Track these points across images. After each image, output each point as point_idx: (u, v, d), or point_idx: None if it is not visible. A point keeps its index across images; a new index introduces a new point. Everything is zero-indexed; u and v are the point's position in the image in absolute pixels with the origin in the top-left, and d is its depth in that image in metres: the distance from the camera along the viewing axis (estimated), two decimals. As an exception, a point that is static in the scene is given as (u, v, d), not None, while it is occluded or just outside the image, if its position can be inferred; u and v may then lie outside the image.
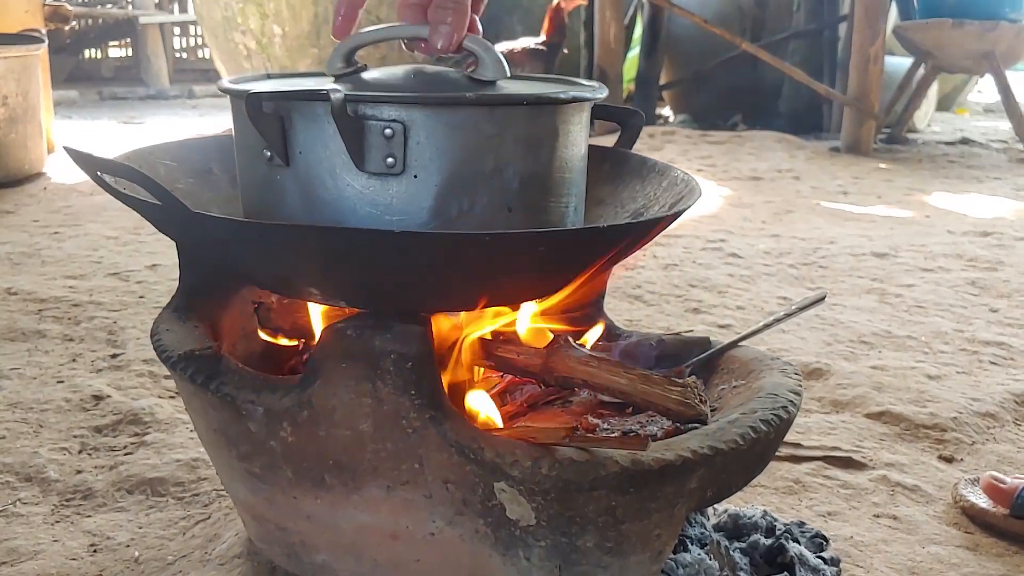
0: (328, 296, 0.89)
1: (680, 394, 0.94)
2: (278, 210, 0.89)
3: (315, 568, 1.00)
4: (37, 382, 1.62)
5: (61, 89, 6.68)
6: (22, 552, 1.11)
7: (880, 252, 2.80)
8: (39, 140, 3.67)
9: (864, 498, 1.31)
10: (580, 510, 0.84)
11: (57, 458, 1.34)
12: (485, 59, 0.91)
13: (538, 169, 0.89)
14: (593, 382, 0.96)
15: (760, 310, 2.19)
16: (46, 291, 2.15)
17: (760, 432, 0.88)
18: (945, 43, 4.95)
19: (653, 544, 0.89)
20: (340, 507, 0.93)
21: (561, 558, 0.88)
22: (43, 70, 3.86)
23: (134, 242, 2.68)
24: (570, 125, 0.92)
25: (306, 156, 0.86)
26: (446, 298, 0.90)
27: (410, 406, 0.86)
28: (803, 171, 4.31)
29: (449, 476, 0.88)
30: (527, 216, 0.89)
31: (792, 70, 5.17)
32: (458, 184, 0.85)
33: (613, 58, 5.25)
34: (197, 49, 9.45)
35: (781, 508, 1.27)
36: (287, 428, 0.90)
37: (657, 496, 0.85)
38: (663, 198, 1.06)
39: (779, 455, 1.40)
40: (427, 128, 0.83)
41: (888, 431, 1.53)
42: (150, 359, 1.72)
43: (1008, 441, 1.52)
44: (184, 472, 1.30)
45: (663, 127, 5.60)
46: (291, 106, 0.85)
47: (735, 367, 1.06)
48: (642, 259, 2.63)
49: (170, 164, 1.08)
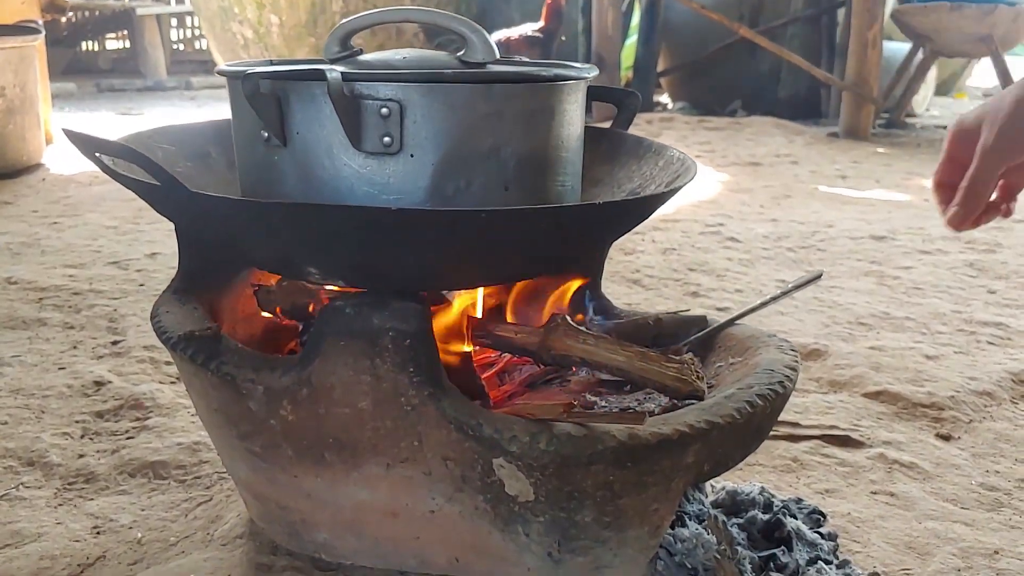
0: (326, 275, 0.90)
1: (677, 371, 0.95)
2: (276, 191, 0.89)
3: (316, 546, 1.01)
4: (38, 369, 1.63)
5: (59, 81, 6.67)
6: (25, 535, 1.12)
7: (878, 235, 2.81)
8: (37, 131, 3.67)
9: (862, 475, 1.31)
10: (578, 485, 0.85)
11: (59, 443, 1.35)
12: (474, 41, 0.92)
13: (535, 148, 0.90)
14: (591, 360, 0.96)
15: (758, 293, 2.19)
16: (46, 280, 2.15)
17: (756, 407, 0.89)
18: (943, 27, 4.95)
19: (651, 519, 0.89)
20: (340, 485, 0.94)
21: (560, 533, 0.89)
22: (40, 61, 3.86)
23: (133, 231, 2.69)
24: (566, 104, 0.92)
25: (303, 136, 0.86)
26: (444, 276, 0.91)
27: (408, 383, 0.87)
28: (801, 156, 4.31)
29: (448, 453, 0.89)
30: (524, 194, 0.90)
31: (790, 55, 5.17)
32: (455, 163, 0.85)
33: (611, 45, 5.25)
34: (195, 40, 9.42)
35: (779, 486, 1.27)
36: (287, 406, 0.91)
37: (654, 470, 0.86)
38: (659, 177, 1.06)
39: (776, 433, 1.41)
40: (423, 107, 0.84)
41: (886, 410, 1.54)
42: (151, 345, 1.72)
43: (1005, 419, 1.53)
44: (186, 455, 1.31)
45: (661, 114, 5.60)
46: (288, 87, 0.85)
47: (732, 344, 1.07)
48: (641, 243, 2.64)
49: (168, 148, 1.09)
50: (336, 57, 0.96)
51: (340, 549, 1.00)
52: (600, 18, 5.20)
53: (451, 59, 0.94)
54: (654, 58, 5.87)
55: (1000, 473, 1.34)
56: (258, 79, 0.84)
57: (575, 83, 0.93)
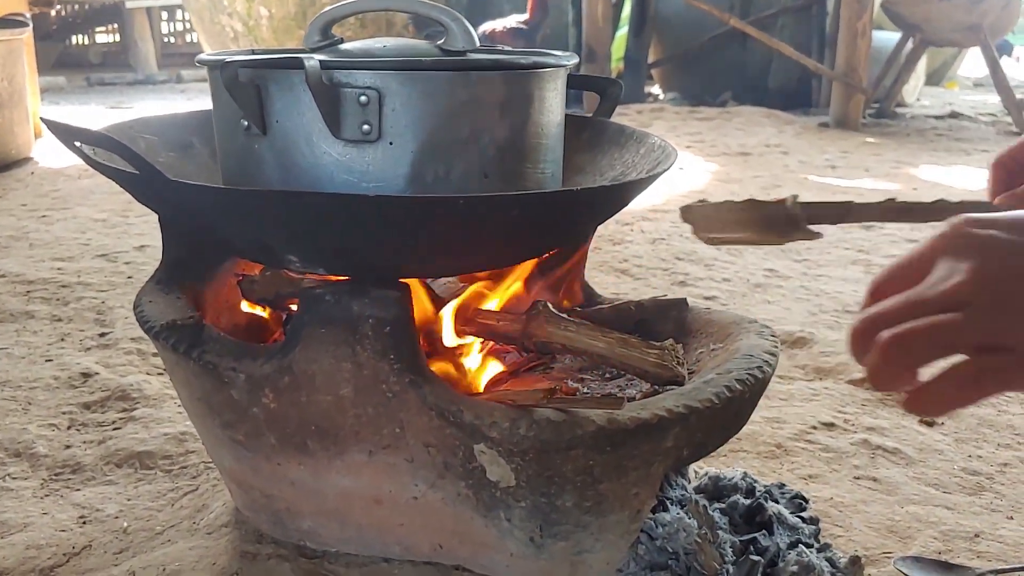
0: (307, 263, 0.90)
1: (657, 357, 0.96)
2: (257, 179, 0.89)
3: (301, 534, 1.02)
4: (26, 361, 1.63)
5: (48, 75, 6.65)
6: (12, 525, 1.12)
7: (866, 224, 2.82)
8: (26, 125, 3.66)
9: (845, 461, 1.32)
10: (558, 470, 0.86)
11: (46, 434, 1.35)
12: (454, 29, 0.92)
13: (514, 135, 0.90)
14: (572, 346, 0.97)
15: (746, 282, 2.20)
16: (34, 273, 2.15)
17: (735, 391, 0.89)
18: (933, 16, 4.95)
19: (631, 503, 0.90)
20: (323, 473, 0.95)
21: (541, 518, 0.89)
22: (28, 55, 3.85)
23: (122, 224, 2.68)
24: (545, 92, 0.93)
25: (283, 125, 0.86)
26: (423, 263, 0.91)
27: (389, 370, 0.87)
28: (791, 146, 4.32)
29: (430, 439, 0.89)
30: (504, 182, 0.90)
31: (780, 45, 5.17)
32: (434, 150, 0.86)
33: (601, 36, 5.24)
34: (185, 34, 9.40)
35: (763, 472, 1.28)
36: (269, 394, 0.91)
37: (634, 455, 0.86)
38: (641, 164, 1.07)
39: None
40: (402, 95, 0.84)
41: (870, 397, 1.55)
42: (138, 337, 1.72)
43: (988, 405, 1.53)
44: (172, 445, 1.31)
45: (652, 104, 5.60)
46: (267, 75, 0.86)
47: (713, 331, 1.07)
48: (629, 234, 2.64)
49: (150, 138, 1.09)
50: (317, 46, 0.96)
51: (324, 537, 1.01)
52: (590, 9, 5.19)
53: (431, 47, 0.94)
54: (645, 49, 5.87)
55: (982, 458, 1.35)
56: (237, 68, 0.84)
57: (554, 71, 0.93)
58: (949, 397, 0.50)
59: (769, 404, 1.50)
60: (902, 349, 0.50)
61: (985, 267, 0.50)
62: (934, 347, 0.50)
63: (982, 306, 0.49)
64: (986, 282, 0.49)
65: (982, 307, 0.49)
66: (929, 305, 0.50)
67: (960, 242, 0.51)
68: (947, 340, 0.49)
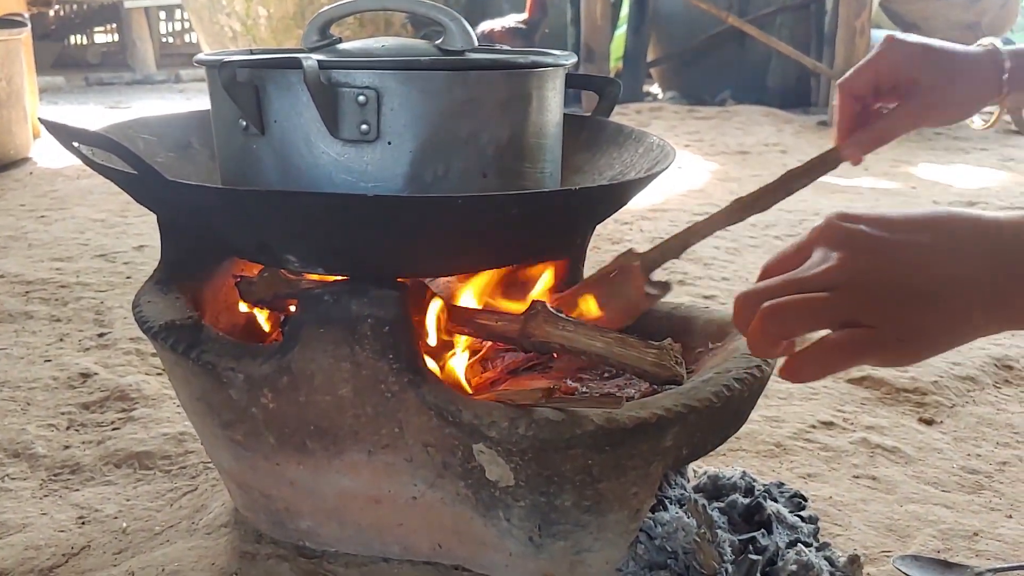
0: (305, 263, 0.90)
1: (656, 356, 0.95)
2: (255, 179, 0.89)
3: (300, 534, 1.02)
4: (24, 361, 1.63)
5: (47, 75, 6.64)
6: (11, 525, 1.12)
7: (865, 223, 2.81)
8: (24, 125, 3.65)
9: (844, 460, 1.32)
10: (557, 469, 0.86)
11: (45, 434, 1.35)
12: (452, 28, 0.92)
13: (512, 135, 0.90)
14: (570, 346, 0.97)
15: (745, 280, 2.20)
16: (33, 273, 2.15)
17: (734, 390, 0.89)
18: (931, 15, 4.96)
19: (630, 502, 0.90)
20: (322, 472, 0.95)
21: (540, 518, 0.89)
22: (27, 55, 3.84)
23: (121, 224, 2.68)
24: (543, 91, 0.93)
25: (281, 125, 0.86)
26: (422, 263, 0.91)
27: (388, 370, 0.87)
28: (790, 145, 4.31)
29: (429, 439, 0.89)
30: (503, 181, 0.90)
31: (779, 44, 5.17)
32: (433, 150, 0.86)
33: (600, 35, 5.24)
34: (184, 33, 9.39)
35: (762, 471, 1.28)
36: (268, 394, 0.91)
37: (632, 454, 0.86)
38: (640, 164, 1.07)
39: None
40: (400, 95, 0.84)
41: (869, 395, 1.55)
42: (137, 337, 1.72)
43: (987, 404, 1.54)
44: (171, 445, 1.31)
45: (651, 103, 5.60)
46: (265, 75, 0.86)
47: (712, 330, 1.07)
48: (629, 233, 2.64)
49: (149, 138, 1.09)
50: (315, 46, 0.96)
51: (324, 536, 1.01)
52: (589, 8, 5.19)
53: (429, 47, 0.94)
54: (644, 48, 5.86)
55: (981, 456, 1.35)
56: (235, 68, 0.84)
57: (552, 70, 0.93)
58: (817, 364, 0.57)
59: (768, 403, 1.50)
60: (776, 318, 0.57)
61: (852, 256, 0.57)
62: (805, 319, 0.57)
63: (848, 288, 0.57)
64: (852, 269, 0.57)
65: (847, 289, 0.57)
66: (804, 284, 0.58)
67: (833, 233, 0.59)
68: (816, 315, 0.57)
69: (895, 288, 0.56)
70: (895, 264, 0.57)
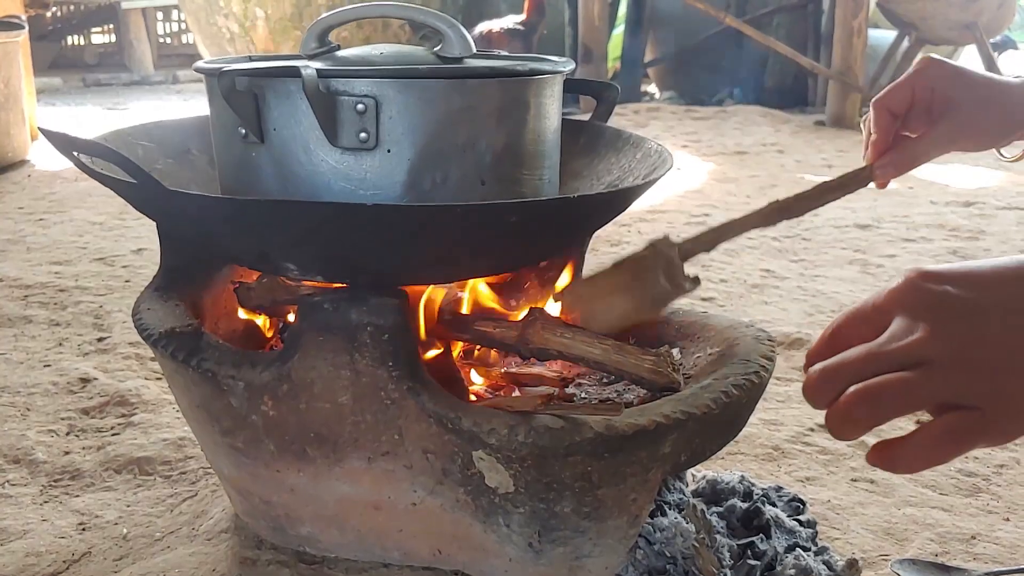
0: (304, 271, 0.91)
1: (653, 363, 0.96)
2: (254, 187, 0.90)
3: (300, 540, 1.02)
4: (24, 366, 1.63)
5: (44, 76, 6.64)
6: (11, 532, 1.12)
7: (863, 224, 2.82)
8: (22, 127, 3.65)
9: (842, 463, 1.33)
10: (557, 476, 0.86)
11: (45, 440, 1.36)
12: (450, 36, 0.92)
13: (511, 142, 0.90)
14: (568, 353, 0.97)
15: (743, 283, 2.20)
16: (32, 277, 2.15)
17: (732, 397, 0.90)
18: (928, 14, 4.95)
19: (629, 508, 0.90)
20: (323, 479, 0.95)
21: (540, 524, 0.90)
22: (24, 56, 3.84)
23: (119, 227, 2.68)
24: (541, 98, 0.93)
25: (280, 133, 0.87)
26: (421, 270, 0.92)
27: (388, 377, 0.87)
28: (788, 145, 4.32)
29: (428, 446, 0.90)
30: (501, 188, 0.90)
31: (777, 44, 5.17)
32: (431, 157, 0.86)
33: (598, 36, 5.24)
34: (181, 34, 9.37)
35: (760, 474, 1.29)
36: (268, 402, 0.92)
37: (631, 461, 0.87)
38: (638, 169, 1.07)
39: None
40: (399, 103, 0.84)
41: (867, 398, 1.55)
42: (136, 342, 1.73)
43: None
44: (171, 451, 1.31)
45: (648, 104, 5.60)
46: (264, 83, 0.86)
47: (711, 335, 1.08)
48: (627, 235, 2.64)
49: (148, 145, 1.09)
50: (314, 53, 0.96)
51: (324, 543, 1.01)
52: (587, 9, 5.19)
53: (427, 54, 0.95)
54: (641, 48, 5.87)
55: (979, 459, 1.35)
56: (234, 76, 0.84)
57: (550, 77, 0.94)
58: (924, 456, 0.51)
59: (766, 406, 1.50)
60: (868, 404, 0.50)
61: (942, 326, 0.51)
62: (900, 405, 0.50)
63: (941, 365, 0.50)
64: (944, 342, 0.50)
65: (941, 366, 0.50)
66: (889, 359, 0.51)
67: (917, 297, 0.52)
68: (914, 399, 0.50)
69: (997, 361, 0.49)
70: (993, 332, 0.50)
